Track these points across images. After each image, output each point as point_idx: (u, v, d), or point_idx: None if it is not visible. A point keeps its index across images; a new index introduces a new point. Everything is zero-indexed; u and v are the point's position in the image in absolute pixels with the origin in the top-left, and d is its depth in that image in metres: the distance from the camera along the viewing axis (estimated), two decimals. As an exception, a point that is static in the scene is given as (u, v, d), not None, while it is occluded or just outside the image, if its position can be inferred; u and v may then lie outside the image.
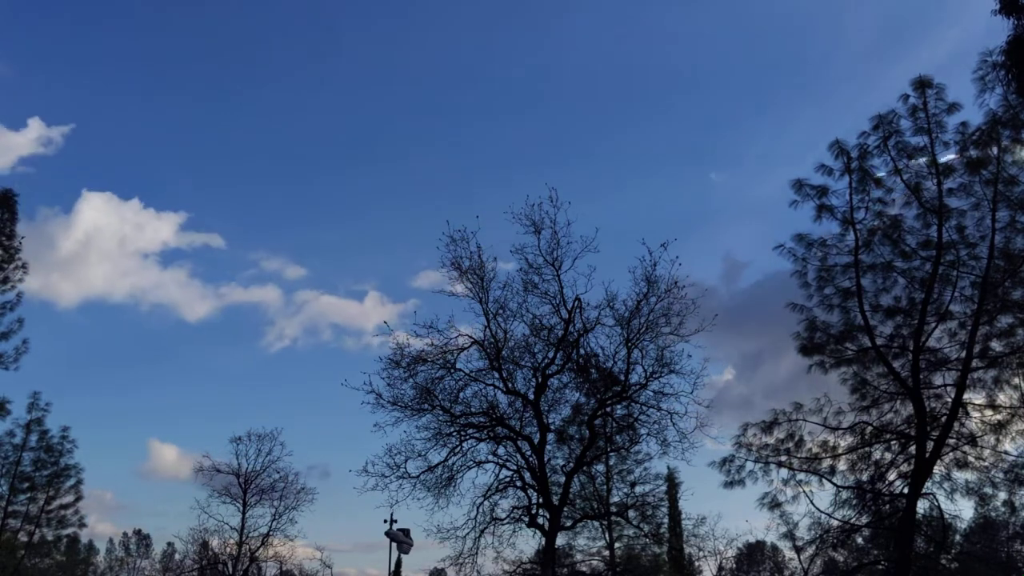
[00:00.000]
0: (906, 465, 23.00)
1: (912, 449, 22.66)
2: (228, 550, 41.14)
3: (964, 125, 21.80)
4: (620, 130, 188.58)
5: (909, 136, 22.50)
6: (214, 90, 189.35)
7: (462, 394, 25.19)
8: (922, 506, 22.61)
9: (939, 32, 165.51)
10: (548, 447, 26.01)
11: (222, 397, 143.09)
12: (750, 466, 24.56)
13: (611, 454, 31.78)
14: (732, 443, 24.93)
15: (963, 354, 22.04)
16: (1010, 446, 22.49)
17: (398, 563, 42.68)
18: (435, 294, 25.71)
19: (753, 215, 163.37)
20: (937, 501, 22.81)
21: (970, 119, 21.66)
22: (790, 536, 28.41)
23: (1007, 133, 21.06)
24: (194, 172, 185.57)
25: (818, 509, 24.14)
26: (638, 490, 37.20)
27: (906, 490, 22.38)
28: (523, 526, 25.49)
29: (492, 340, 24.80)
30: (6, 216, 26.70)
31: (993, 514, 27.56)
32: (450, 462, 24.95)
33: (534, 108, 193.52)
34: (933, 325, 22.63)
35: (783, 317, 24.30)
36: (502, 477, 25.31)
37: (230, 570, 40.93)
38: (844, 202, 23.15)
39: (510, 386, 25.08)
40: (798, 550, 32.12)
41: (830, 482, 24.12)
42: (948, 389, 22.75)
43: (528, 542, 30.02)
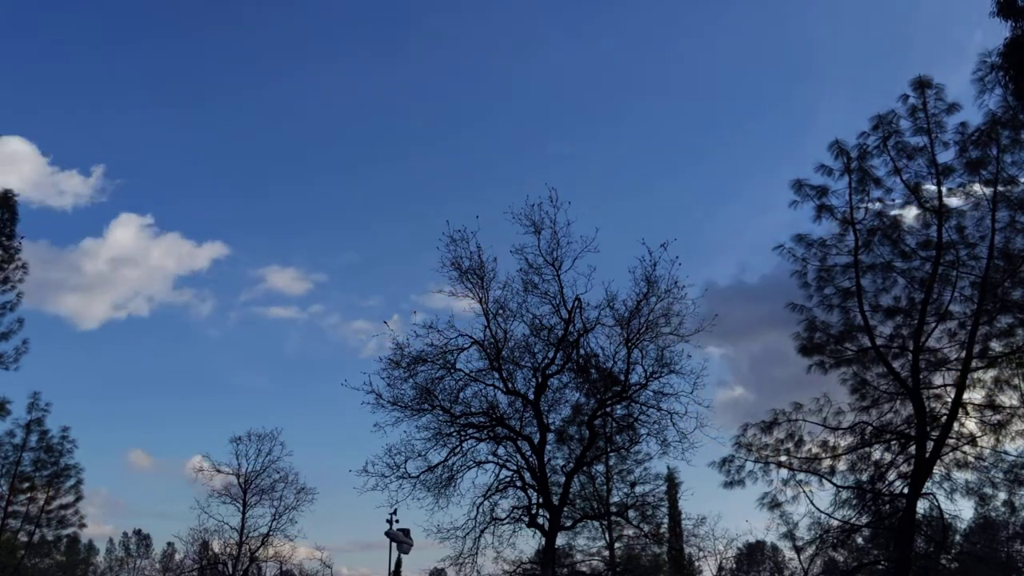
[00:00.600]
0: (906, 465, 23.00)
1: (912, 449, 22.66)
2: (228, 550, 41.19)
3: (964, 125, 21.85)
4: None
5: (909, 136, 22.55)
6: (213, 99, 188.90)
7: (462, 394, 25.26)
8: (922, 506, 22.67)
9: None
10: (548, 447, 26.05)
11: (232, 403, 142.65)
12: (750, 466, 24.62)
13: (611, 454, 31.79)
14: (732, 443, 24.99)
15: (963, 354, 22.05)
16: (1010, 446, 22.52)
17: (398, 563, 42.66)
18: (435, 294, 25.75)
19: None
20: (937, 501, 22.86)
21: (970, 119, 21.72)
22: (790, 536, 28.43)
23: (1006, 133, 21.07)
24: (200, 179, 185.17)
25: (818, 509, 24.21)
26: (638, 490, 37.26)
27: (906, 490, 22.39)
28: (523, 526, 25.54)
29: (492, 340, 24.82)
30: (6, 216, 26.71)
31: (993, 514, 27.57)
32: (450, 462, 24.99)
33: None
34: (933, 325, 22.63)
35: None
36: (502, 477, 25.37)
37: (230, 570, 40.95)
38: (844, 202, 23.19)
39: (510, 386, 25.10)
40: (798, 550, 32.15)
41: (830, 482, 24.16)
42: (948, 389, 22.78)
43: (528, 542, 30.11)
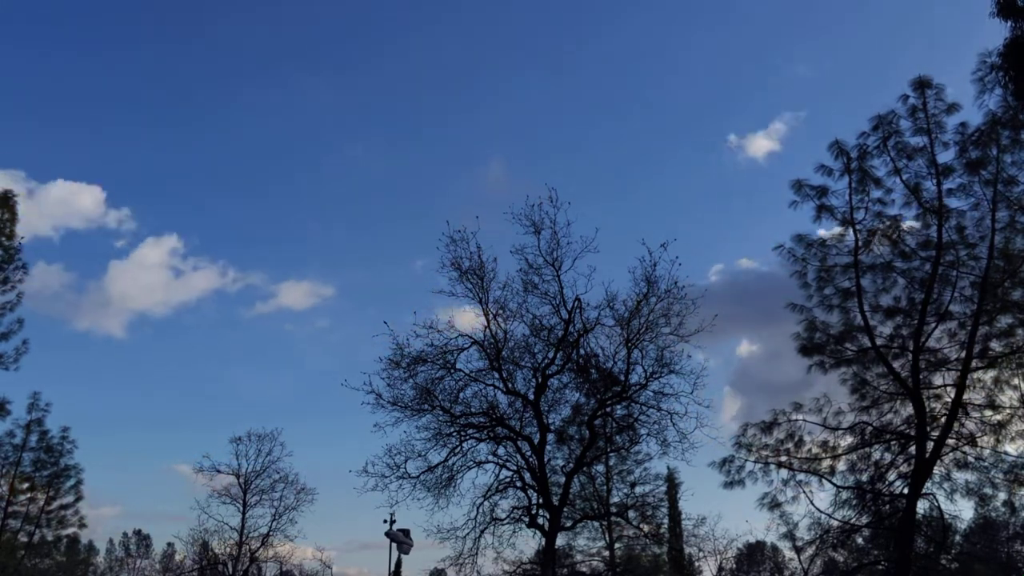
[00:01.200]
0: (906, 465, 23.01)
1: (912, 449, 22.67)
2: (228, 550, 41.21)
3: (964, 125, 21.85)
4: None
5: (909, 136, 22.54)
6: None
7: (462, 394, 25.24)
8: (922, 506, 22.66)
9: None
10: (548, 447, 26.03)
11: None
12: (750, 466, 24.60)
13: (611, 454, 31.81)
14: (732, 443, 24.99)
15: (963, 354, 22.05)
16: (1010, 446, 22.51)
17: (398, 563, 42.63)
18: (435, 295, 25.71)
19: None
20: (937, 501, 22.86)
21: (970, 119, 21.73)
22: (790, 536, 28.37)
23: (1006, 133, 21.08)
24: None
25: (818, 509, 24.19)
26: (638, 490, 37.23)
27: (906, 490, 22.39)
28: (523, 526, 25.55)
29: (492, 340, 24.82)
30: (6, 216, 26.72)
31: (993, 514, 27.58)
32: (450, 462, 24.99)
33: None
34: (933, 325, 22.63)
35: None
36: (502, 477, 25.37)
37: (230, 570, 40.97)
38: (844, 202, 23.17)
39: (510, 386, 25.10)
40: (798, 550, 32.09)
41: (830, 482, 24.16)
42: (948, 389, 22.78)
43: (528, 542, 30.13)
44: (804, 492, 24.36)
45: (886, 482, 23.55)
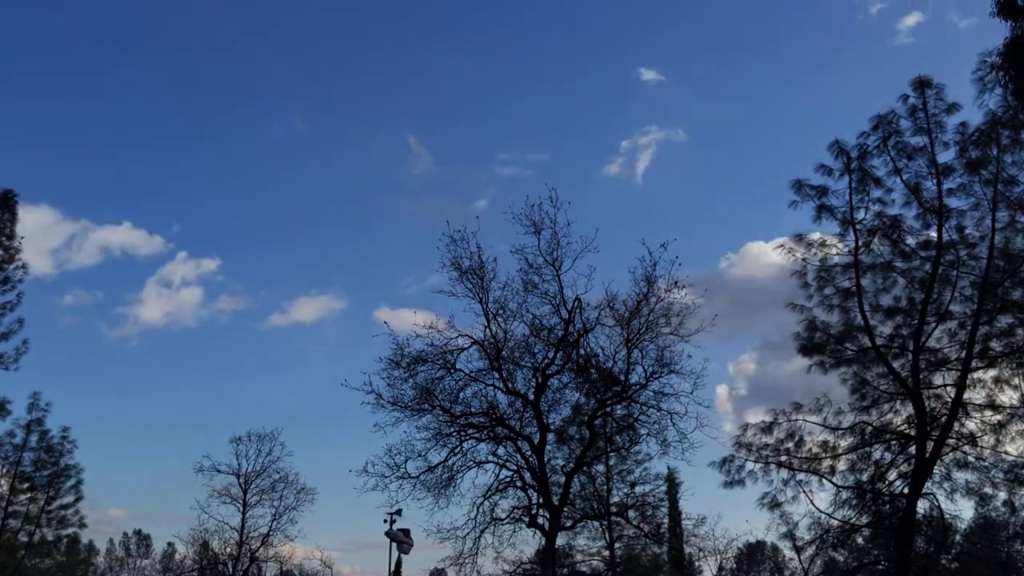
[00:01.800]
0: (906, 465, 23.01)
1: (912, 449, 22.67)
2: (228, 550, 41.21)
3: (964, 125, 21.84)
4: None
5: (909, 136, 22.52)
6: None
7: (462, 394, 25.28)
8: (922, 506, 22.66)
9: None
10: (548, 447, 26.05)
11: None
12: (750, 466, 24.59)
13: (611, 454, 31.79)
14: (732, 443, 24.99)
15: (963, 354, 22.04)
16: (1010, 446, 22.49)
17: (398, 563, 42.63)
18: (435, 295, 25.73)
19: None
20: (937, 501, 22.85)
21: (970, 119, 21.71)
22: (790, 536, 28.41)
23: (1007, 133, 21.07)
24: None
25: (818, 509, 24.19)
26: (638, 490, 37.18)
27: (906, 490, 22.39)
28: (523, 526, 25.56)
29: (492, 340, 24.83)
30: (6, 216, 26.73)
31: (993, 514, 27.63)
32: (450, 462, 25.01)
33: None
34: (933, 325, 22.62)
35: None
36: (502, 477, 25.38)
37: (230, 570, 40.97)
38: (844, 202, 23.16)
39: (510, 386, 25.11)
40: (798, 550, 32.10)
41: (830, 482, 24.16)
42: (948, 389, 22.76)
43: (528, 542, 30.04)
44: (804, 492, 24.39)
45: (886, 482, 23.55)
